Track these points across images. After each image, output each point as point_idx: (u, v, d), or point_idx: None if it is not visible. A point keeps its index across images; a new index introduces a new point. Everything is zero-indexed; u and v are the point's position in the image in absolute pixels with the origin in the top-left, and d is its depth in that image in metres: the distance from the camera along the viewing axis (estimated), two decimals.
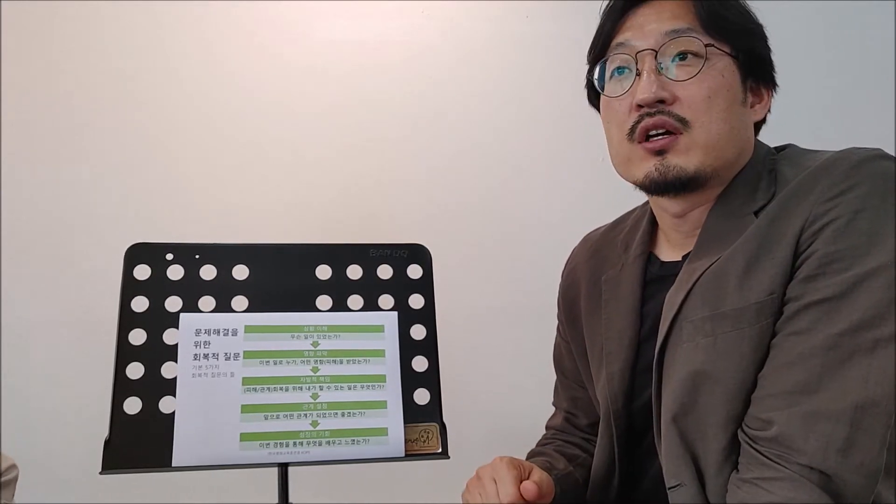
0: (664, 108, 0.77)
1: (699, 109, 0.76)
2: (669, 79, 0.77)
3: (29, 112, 1.67)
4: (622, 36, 0.81)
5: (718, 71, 0.77)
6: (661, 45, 0.78)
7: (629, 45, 0.80)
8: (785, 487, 0.65)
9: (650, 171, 0.78)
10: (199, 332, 0.91)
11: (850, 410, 0.64)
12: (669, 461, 0.76)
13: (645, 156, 0.78)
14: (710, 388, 0.73)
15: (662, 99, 0.76)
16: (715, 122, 0.77)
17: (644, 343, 0.86)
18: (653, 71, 0.77)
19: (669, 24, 0.78)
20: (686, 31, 0.78)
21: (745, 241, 0.74)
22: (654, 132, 0.77)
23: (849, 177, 0.69)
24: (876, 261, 0.66)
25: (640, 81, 0.78)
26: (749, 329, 0.71)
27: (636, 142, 0.79)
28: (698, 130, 0.76)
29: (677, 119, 0.76)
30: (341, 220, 1.71)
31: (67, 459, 1.55)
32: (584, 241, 1.04)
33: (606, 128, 0.85)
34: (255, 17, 1.74)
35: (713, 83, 0.77)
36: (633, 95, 0.78)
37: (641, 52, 0.79)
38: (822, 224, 0.69)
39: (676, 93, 0.77)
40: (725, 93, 0.78)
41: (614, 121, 0.82)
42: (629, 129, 0.79)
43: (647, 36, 0.79)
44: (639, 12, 0.81)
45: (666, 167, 0.77)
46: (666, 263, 0.87)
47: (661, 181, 0.78)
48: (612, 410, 0.87)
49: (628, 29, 0.81)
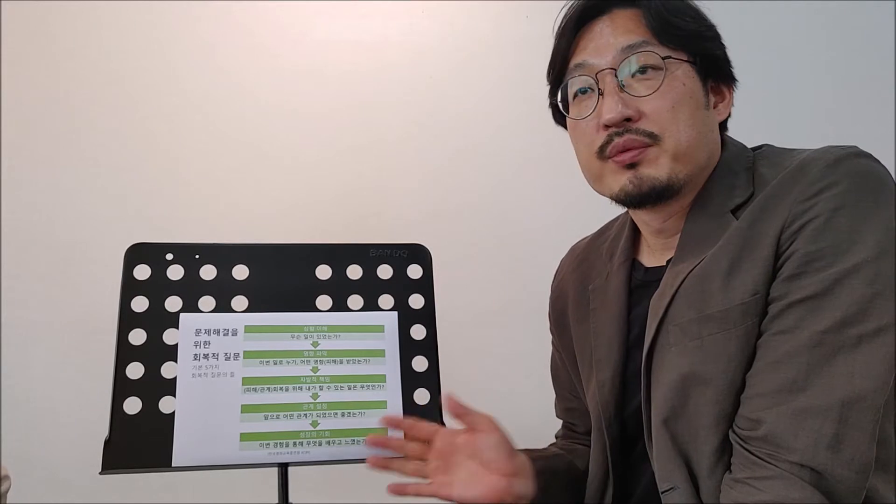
0: (630, 126, 0.77)
1: (665, 121, 0.77)
2: (632, 95, 0.78)
3: (29, 112, 1.67)
4: (579, 56, 0.82)
5: (679, 80, 0.78)
6: (620, 63, 0.78)
7: (588, 65, 0.80)
8: (777, 486, 0.66)
9: (624, 184, 0.79)
10: (199, 332, 0.91)
11: (838, 406, 0.65)
12: (661, 465, 0.76)
13: (617, 170, 0.79)
14: (700, 391, 0.73)
15: (628, 117, 0.77)
16: (683, 130, 0.77)
17: (633, 349, 0.86)
18: (615, 89, 0.78)
19: (624, 39, 0.79)
20: (642, 45, 0.78)
21: (727, 242, 0.74)
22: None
23: (826, 175, 0.70)
24: (856, 257, 0.67)
25: (603, 101, 0.79)
26: (735, 330, 0.72)
27: (607, 158, 0.79)
28: (668, 142, 0.77)
29: (646, 135, 0.77)
30: (341, 221, 1.71)
31: (67, 459, 1.55)
32: (570, 252, 1.06)
33: (576, 147, 0.86)
34: (254, 18, 1.74)
35: (675, 94, 0.78)
36: (599, 115, 0.79)
37: (601, 72, 0.79)
38: (802, 223, 0.69)
39: (641, 108, 0.77)
40: (688, 100, 0.78)
41: (582, 141, 0.83)
42: (598, 148, 0.80)
43: (603, 54, 0.79)
44: (592, 29, 0.81)
45: (640, 179, 0.78)
46: (650, 269, 0.88)
47: (636, 193, 0.78)
48: (604, 418, 0.87)
49: (584, 48, 0.82)
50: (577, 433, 1.05)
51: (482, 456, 0.82)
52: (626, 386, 0.86)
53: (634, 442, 0.86)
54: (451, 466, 0.85)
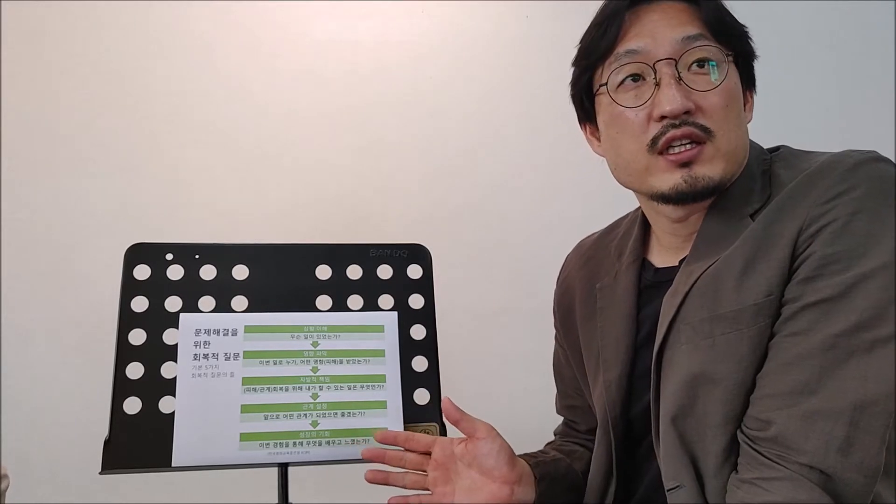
0: (688, 119, 0.75)
1: (720, 118, 0.76)
2: (690, 88, 0.76)
3: (28, 113, 1.67)
4: (633, 42, 0.78)
5: (732, 79, 0.77)
6: (680, 54, 0.76)
7: (643, 53, 0.77)
8: (785, 487, 0.65)
9: (678, 182, 0.76)
10: (199, 332, 0.91)
11: (850, 410, 0.64)
12: (668, 463, 0.76)
13: (668, 167, 0.77)
14: (709, 390, 0.73)
15: (688, 110, 0.75)
16: (733, 129, 0.77)
17: (641, 349, 0.86)
18: (674, 80, 0.75)
19: (681, 31, 0.77)
20: (700, 38, 0.77)
21: (743, 243, 0.74)
22: (678, 143, 0.76)
23: (845, 179, 0.70)
24: (873, 262, 0.66)
25: (659, 91, 0.76)
26: (747, 330, 0.71)
27: (657, 153, 0.77)
28: (721, 139, 0.76)
29: (702, 129, 0.75)
30: (341, 221, 1.71)
31: (67, 459, 1.55)
32: (577, 248, 1.04)
33: (614, 137, 0.82)
34: (254, 18, 1.74)
35: (730, 92, 0.77)
36: (655, 105, 0.76)
37: (660, 62, 0.76)
38: (820, 226, 0.69)
39: (700, 102, 0.76)
40: (737, 100, 0.78)
41: (628, 131, 0.79)
42: (650, 141, 0.77)
43: (661, 44, 0.77)
44: (642, 17, 0.79)
45: (694, 178, 0.76)
46: (661, 269, 0.87)
47: (690, 192, 0.77)
48: (611, 418, 0.87)
49: (636, 35, 0.78)
50: (578, 431, 1.05)
51: (482, 464, 0.82)
52: (634, 386, 0.86)
53: (639, 440, 0.86)
54: (451, 476, 0.85)
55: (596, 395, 0.91)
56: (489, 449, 0.83)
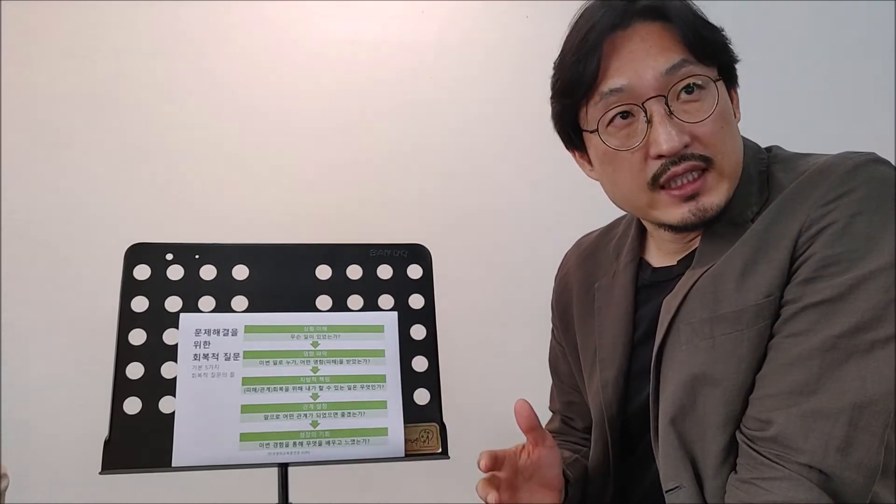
0: (686, 152, 0.74)
1: (717, 144, 0.75)
2: (683, 121, 0.74)
3: (29, 113, 1.67)
4: (617, 80, 0.75)
5: (720, 98, 0.76)
6: (666, 87, 0.74)
7: (629, 91, 0.75)
8: (784, 487, 0.66)
9: (686, 216, 0.76)
10: (199, 332, 0.91)
11: (849, 409, 0.65)
12: (667, 463, 0.76)
13: (674, 202, 0.76)
14: (709, 390, 0.73)
15: (685, 144, 0.74)
16: (730, 148, 0.76)
17: (638, 348, 0.86)
18: (666, 117, 0.74)
19: (664, 61, 0.74)
20: (684, 64, 0.74)
21: (742, 244, 0.74)
22: (680, 177, 0.75)
23: (845, 182, 0.70)
24: (873, 264, 0.67)
25: (652, 129, 0.74)
26: (747, 331, 0.72)
27: (659, 187, 0.76)
28: (722, 163, 0.75)
29: (702, 160, 0.75)
30: (341, 221, 1.71)
31: (67, 459, 1.55)
32: (576, 246, 1.05)
33: (611, 174, 0.80)
34: (254, 18, 1.74)
35: (721, 114, 0.76)
36: (650, 145, 0.75)
37: (649, 100, 0.74)
38: (820, 228, 0.69)
39: (694, 132, 0.75)
40: (728, 116, 0.78)
41: (625, 169, 0.78)
42: (651, 179, 0.76)
43: (646, 79, 0.74)
44: (620, 48, 0.75)
45: (702, 210, 0.75)
46: (658, 269, 0.87)
47: (699, 223, 0.77)
48: (607, 416, 0.87)
49: (619, 70, 0.75)
50: (575, 430, 1.05)
51: (544, 475, 0.82)
52: (630, 384, 0.86)
53: (637, 441, 0.86)
54: (516, 493, 0.82)
55: (592, 393, 0.91)
56: (554, 459, 0.83)
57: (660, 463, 0.78)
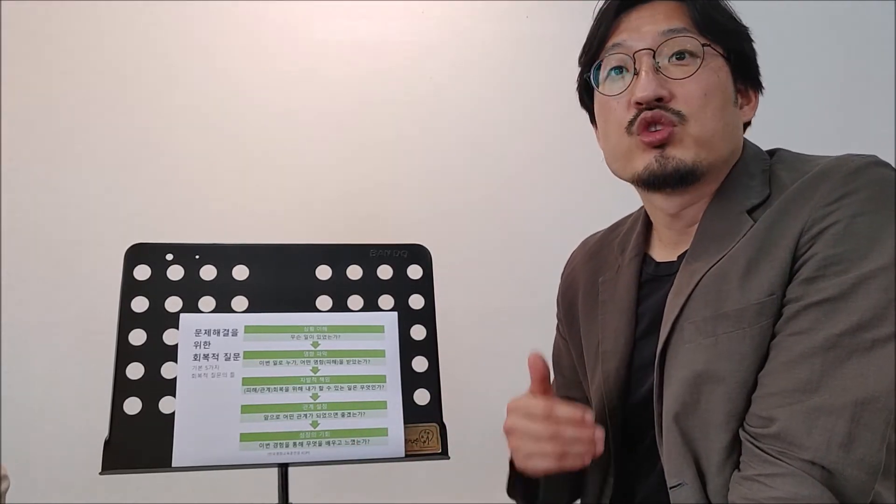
0: (662, 105, 0.78)
1: (695, 105, 0.78)
2: (667, 77, 0.79)
3: (28, 113, 1.67)
4: (618, 37, 0.83)
5: (713, 70, 0.79)
6: (659, 45, 0.79)
7: (626, 46, 0.81)
8: (787, 483, 0.66)
9: (650, 162, 0.79)
10: (199, 333, 0.91)
11: (851, 406, 0.65)
12: (670, 461, 0.77)
13: (644, 148, 0.79)
14: (712, 388, 0.74)
15: (661, 97, 0.78)
16: (710, 118, 0.78)
17: (640, 342, 0.87)
18: (651, 69, 0.79)
19: (665, 25, 0.80)
20: (682, 31, 0.80)
21: (746, 243, 0.75)
22: (653, 127, 0.79)
23: (847, 183, 0.71)
24: (874, 264, 0.68)
25: (638, 80, 0.79)
26: (750, 329, 0.72)
27: (635, 134, 0.80)
28: (694, 125, 0.78)
29: (674, 114, 0.78)
30: (341, 221, 1.71)
31: (67, 459, 1.55)
32: (582, 245, 1.06)
33: (603, 126, 0.86)
34: (254, 18, 1.74)
35: (709, 82, 0.79)
36: (632, 93, 0.80)
37: (639, 52, 0.80)
38: (822, 228, 0.70)
39: (674, 90, 0.78)
40: (720, 92, 0.80)
41: (612, 118, 0.83)
42: (628, 123, 0.80)
43: (643, 36, 0.80)
44: (633, 15, 0.83)
45: (665, 158, 0.78)
46: (661, 264, 0.89)
47: (661, 173, 0.79)
48: (608, 408, 0.88)
49: (624, 31, 0.82)
50: None
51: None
52: (632, 378, 0.87)
53: (638, 438, 0.86)
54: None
55: (594, 387, 0.92)
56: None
57: (663, 460, 0.78)
